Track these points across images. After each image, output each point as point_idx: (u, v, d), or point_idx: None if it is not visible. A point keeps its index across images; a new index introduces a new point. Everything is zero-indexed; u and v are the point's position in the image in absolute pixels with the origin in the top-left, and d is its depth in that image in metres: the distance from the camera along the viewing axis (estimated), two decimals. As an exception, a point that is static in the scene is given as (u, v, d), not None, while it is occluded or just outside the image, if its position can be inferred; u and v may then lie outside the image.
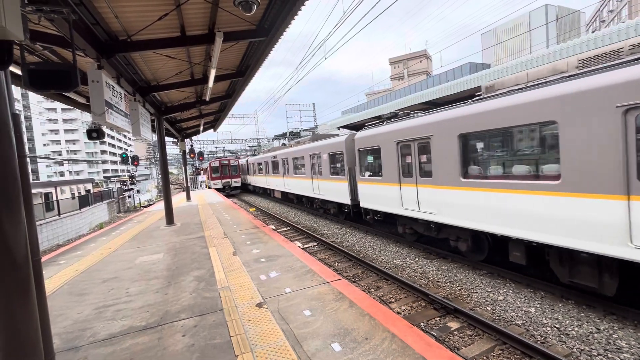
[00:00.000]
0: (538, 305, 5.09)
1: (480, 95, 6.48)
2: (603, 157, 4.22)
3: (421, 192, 7.54)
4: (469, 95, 9.34)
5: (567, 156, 4.62)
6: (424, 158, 7.51)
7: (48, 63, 5.81)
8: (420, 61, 70.46)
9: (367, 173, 9.93)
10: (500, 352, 4.09)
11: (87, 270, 6.59)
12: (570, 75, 4.82)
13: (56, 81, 3.45)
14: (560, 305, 5.04)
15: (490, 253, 6.61)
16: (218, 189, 29.20)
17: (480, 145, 6.41)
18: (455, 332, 4.59)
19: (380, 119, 9.72)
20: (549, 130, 5.06)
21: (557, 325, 4.53)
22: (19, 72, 5.52)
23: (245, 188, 31.66)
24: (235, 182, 30.07)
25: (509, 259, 5.87)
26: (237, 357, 3.14)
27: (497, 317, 4.93)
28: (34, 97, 64.31)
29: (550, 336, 4.32)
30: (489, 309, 5.20)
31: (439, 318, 5.02)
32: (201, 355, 3.23)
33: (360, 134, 10.04)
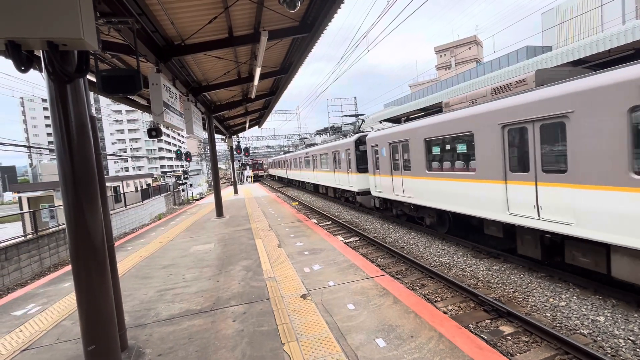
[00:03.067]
0: (608, 314, 4.57)
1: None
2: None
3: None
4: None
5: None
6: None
7: (116, 69, 6.46)
8: (470, 48, 65.93)
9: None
10: (561, 361, 3.76)
11: (150, 257, 7.28)
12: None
13: (123, 86, 3.82)
14: (636, 315, 4.47)
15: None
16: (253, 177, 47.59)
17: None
18: (508, 337, 4.31)
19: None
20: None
21: (631, 338, 4.03)
22: (92, 78, 6.21)
23: (273, 179, 47.78)
24: (260, 173, 52.52)
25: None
26: (283, 345, 3.27)
27: (558, 325, 4.52)
28: (103, 101, 71.87)
29: (624, 349, 3.86)
30: (549, 314, 4.78)
31: (489, 321, 4.74)
32: (250, 340, 3.42)
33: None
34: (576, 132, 4.90)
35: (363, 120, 20.43)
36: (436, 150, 8.57)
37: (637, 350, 3.81)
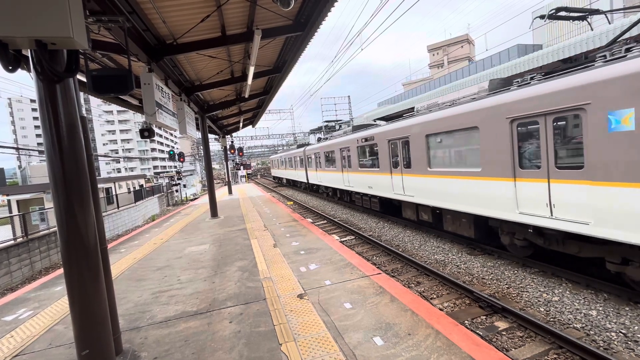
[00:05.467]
0: (600, 308, 4.65)
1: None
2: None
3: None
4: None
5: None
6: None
7: (107, 69, 6.36)
8: (462, 46, 66.46)
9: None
10: (555, 356, 3.81)
11: (144, 259, 7.20)
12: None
13: (115, 85, 3.75)
14: (627, 309, 4.56)
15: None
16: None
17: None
18: (503, 333, 4.35)
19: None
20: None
21: (623, 331, 4.10)
22: (82, 78, 6.10)
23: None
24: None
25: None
26: (281, 345, 3.25)
27: (551, 319, 4.58)
28: (94, 101, 70.80)
29: (616, 342, 3.93)
30: (542, 309, 4.85)
31: (484, 317, 4.78)
32: (247, 341, 3.40)
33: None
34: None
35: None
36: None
37: (629, 343, 3.88)
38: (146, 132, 8.65)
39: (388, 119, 15.05)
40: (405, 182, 9.40)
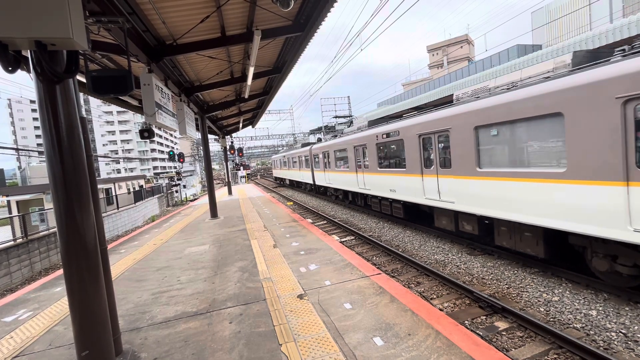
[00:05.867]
0: (600, 308, 4.65)
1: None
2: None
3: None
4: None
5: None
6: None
7: (107, 70, 6.36)
8: (461, 47, 66.51)
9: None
10: (555, 356, 3.81)
11: (144, 259, 7.19)
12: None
13: (114, 86, 3.75)
14: (627, 309, 4.56)
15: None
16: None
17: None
18: (503, 333, 4.35)
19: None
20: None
21: (623, 331, 4.11)
22: (82, 79, 6.10)
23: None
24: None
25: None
26: (281, 346, 3.25)
27: (551, 319, 4.58)
28: (93, 102, 70.79)
29: (616, 342, 3.93)
30: (542, 309, 4.85)
31: (484, 317, 4.78)
32: (247, 341, 3.40)
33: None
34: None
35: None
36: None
37: (629, 343, 3.88)
38: (146, 133, 8.66)
39: (390, 118, 14.51)
40: (442, 185, 7.76)
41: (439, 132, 7.77)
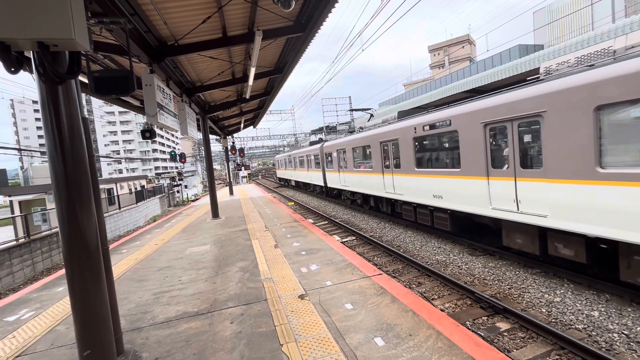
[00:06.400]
0: (602, 309, 4.63)
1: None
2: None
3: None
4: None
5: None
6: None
7: (109, 70, 6.38)
8: (463, 47, 66.41)
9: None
10: (557, 357, 3.79)
11: (145, 259, 7.21)
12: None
13: (116, 87, 3.76)
14: (629, 309, 4.54)
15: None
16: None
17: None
18: (505, 334, 4.34)
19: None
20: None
21: (625, 332, 4.09)
22: (84, 79, 6.12)
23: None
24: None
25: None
26: (282, 346, 3.25)
27: (553, 320, 4.57)
28: (95, 102, 71.00)
29: (618, 343, 3.92)
30: (544, 310, 4.83)
31: (486, 317, 4.77)
32: (248, 341, 3.40)
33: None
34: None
35: (372, 115, 15.45)
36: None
37: (631, 344, 3.87)
38: (147, 133, 8.67)
39: (422, 108, 12.82)
40: (525, 191, 5.77)
41: (521, 118, 5.73)
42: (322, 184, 18.48)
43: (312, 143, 22.14)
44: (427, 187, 8.45)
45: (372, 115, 14.88)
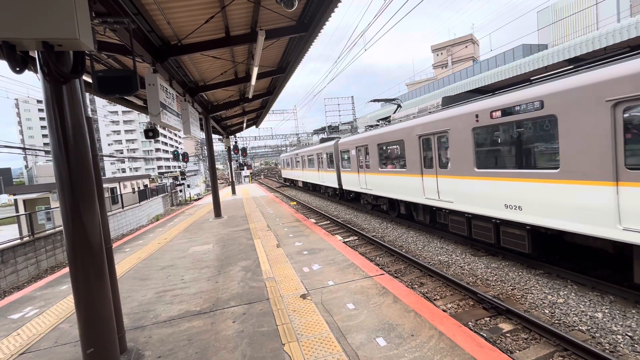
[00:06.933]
0: (606, 311, 4.60)
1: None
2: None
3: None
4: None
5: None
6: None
7: (112, 70, 6.41)
8: (466, 46, 66.16)
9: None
10: (560, 358, 3.77)
11: (148, 258, 7.24)
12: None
13: (120, 86, 3.78)
14: (634, 311, 4.50)
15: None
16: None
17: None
18: (507, 335, 4.32)
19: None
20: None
21: (629, 334, 4.06)
22: (88, 79, 6.16)
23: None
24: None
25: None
26: (284, 345, 3.26)
27: (556, 321, 4.54)
28: (99, 102, 71.42)
29: (622, 345, 3.89)
30: (547, 311, 4.81)
31: (488, 318, 4.76)
32: (250, 341, 3.41)
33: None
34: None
35: (399, 105, 13.06)
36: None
37: (635, 346, 3.84)
38: (150, 133, 8.69)
39: (479, 92, 11.68)
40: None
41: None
42: (336, 186, 16.40)
43: (323, 140, 20.00)
44: (496, 194, 6.47)
45: (399, 106, 12.83)
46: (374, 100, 13.69)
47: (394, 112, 11.58)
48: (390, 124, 10.82)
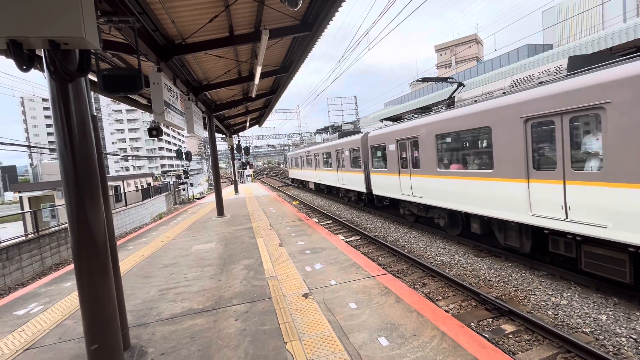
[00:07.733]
0: (610, 313, 4.57)
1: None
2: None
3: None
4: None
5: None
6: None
7: (117, 69, 6.45)
8: (470, 46, 65.80)
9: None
10: (563, 360, 3.75)
11: (151, 256, 7.28)
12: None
13: (125, 85, 3.80)
14: (638, 313, 4.47)
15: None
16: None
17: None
18: (510, 336, 4.30)
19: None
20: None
21: (634, 336, 4.03)
22: (93, 78, 6.19)
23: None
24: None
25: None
26: (286, 344, 3.27)
27: (559, 323, 4.52)
28: (103, 100, 71.81)
29: (626, 347, 3.86)
30: (550, 313, 4.78)
31: (491, 319, 4.74)
32: (253, 339, 3.42)
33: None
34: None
35: (461, 84, 9.76)
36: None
37: (639, 348, 3.81)
38: (154, 131, 8.73)
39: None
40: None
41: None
42: (362, 190, 13.40)
43: (342, 134, 16.77)
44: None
45: (461, 84, 9.65)
46: (424, 79, 9.72)
47: (454, 92, 9.10)
48: (450, 109, 7.90)
